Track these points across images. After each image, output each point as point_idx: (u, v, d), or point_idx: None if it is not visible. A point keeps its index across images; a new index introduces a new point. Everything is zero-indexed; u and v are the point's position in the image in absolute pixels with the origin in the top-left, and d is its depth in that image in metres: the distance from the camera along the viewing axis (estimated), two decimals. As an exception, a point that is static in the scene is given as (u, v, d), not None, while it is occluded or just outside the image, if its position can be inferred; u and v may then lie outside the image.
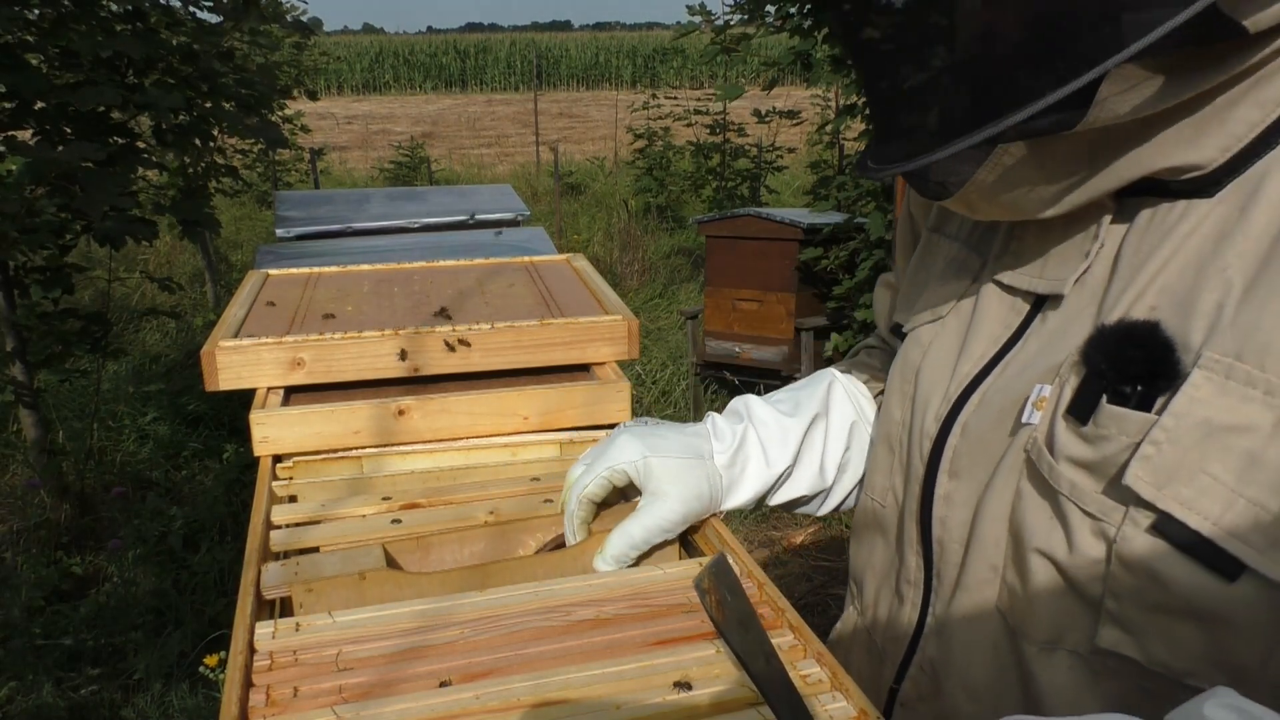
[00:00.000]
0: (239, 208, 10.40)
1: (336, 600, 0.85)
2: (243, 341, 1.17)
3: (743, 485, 0.98)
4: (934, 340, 0.88)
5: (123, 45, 3.18)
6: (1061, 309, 0.76)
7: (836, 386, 1.06)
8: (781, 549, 4.10)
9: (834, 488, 1.05)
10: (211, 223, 3.82)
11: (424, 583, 0.87)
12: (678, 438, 0.95)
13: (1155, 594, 0.65)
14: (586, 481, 0.92)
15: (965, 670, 0.81)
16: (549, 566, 0.91)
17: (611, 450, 0.93)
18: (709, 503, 0.94)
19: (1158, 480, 0.63)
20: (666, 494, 0.91)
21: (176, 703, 2.87)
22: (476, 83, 40.02)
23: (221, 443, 4.63)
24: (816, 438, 1.02)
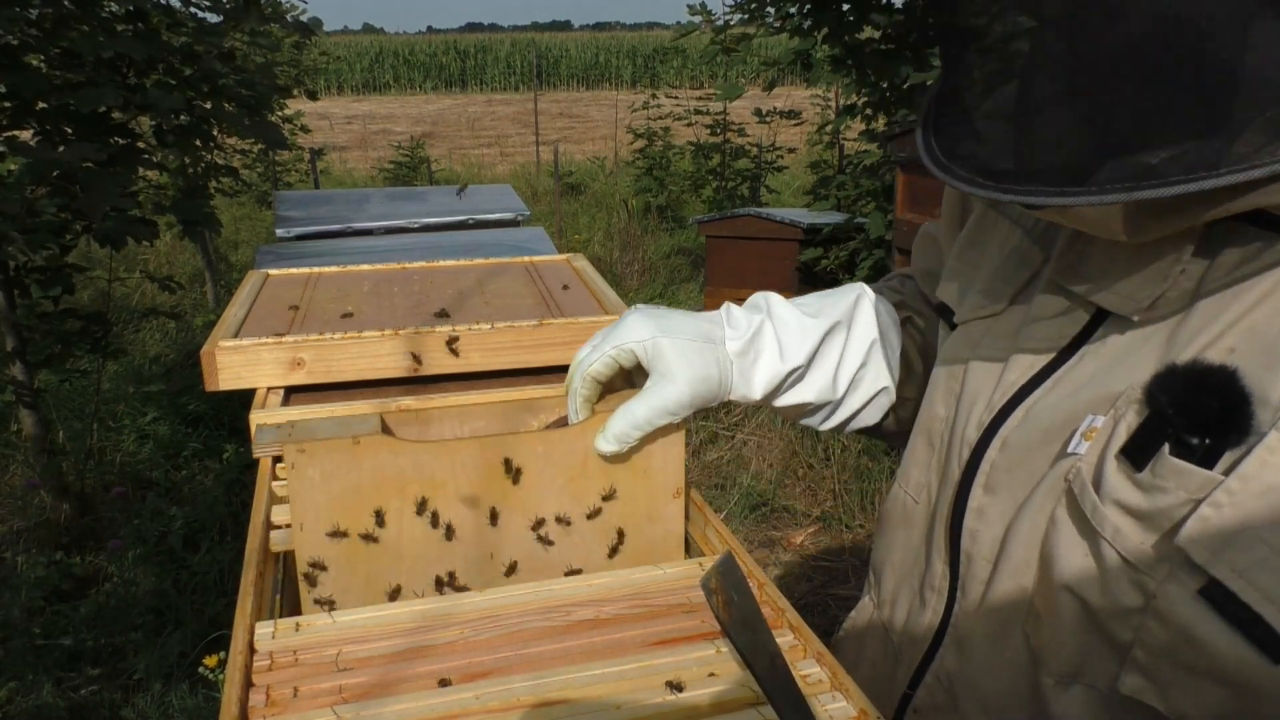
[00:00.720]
0: (239, 208, 10.39)
1: (330, 464, 0.83)
2: (243, 341, 1.17)
3: (754, 376, 0.92)
4: (984, 337, 0.83)
5: (124, 46, 3.18)
6: (1126, 333, 0.70)
7: (865, 301, 1.01)
8: (781, 549, 4.10)
9: (843, 403, 1.00)
10: (212, 222, 3.82)
11: (420, 451, 0.85)
12: (690, 321, 0.91)
13: (1190, 656, 0.61)
14: (593, 359, 0.89)
15: (983, 689, 0.80)
16: (551, 442, 0.89)
17: (620, 329, 0.89)
18: (717, 388, 0.90)
19: (1213, 545, 0.58)
20: (674, 375, 0.87)
21: (176, 703, 2.86)
22: (476, 83, 40.01)
23: (221, 443, 4.63)
24: (835, 346, 0.97)
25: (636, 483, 0.92)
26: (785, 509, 4.38)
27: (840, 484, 4.42)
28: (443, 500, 0.87)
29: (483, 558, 0.90)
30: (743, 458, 4.79)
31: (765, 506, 4.39)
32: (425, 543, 0.88)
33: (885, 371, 1.01)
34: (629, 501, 0.93)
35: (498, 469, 0.88)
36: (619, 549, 0.94)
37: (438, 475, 0.86)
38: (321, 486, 0.83)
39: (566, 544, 0.92)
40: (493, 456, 0.87)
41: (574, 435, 0.90)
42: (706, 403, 0.90)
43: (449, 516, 0.88)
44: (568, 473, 0.90)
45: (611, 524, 0.93)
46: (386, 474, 0.85)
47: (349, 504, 0.84)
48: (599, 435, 0.88)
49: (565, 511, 0.91)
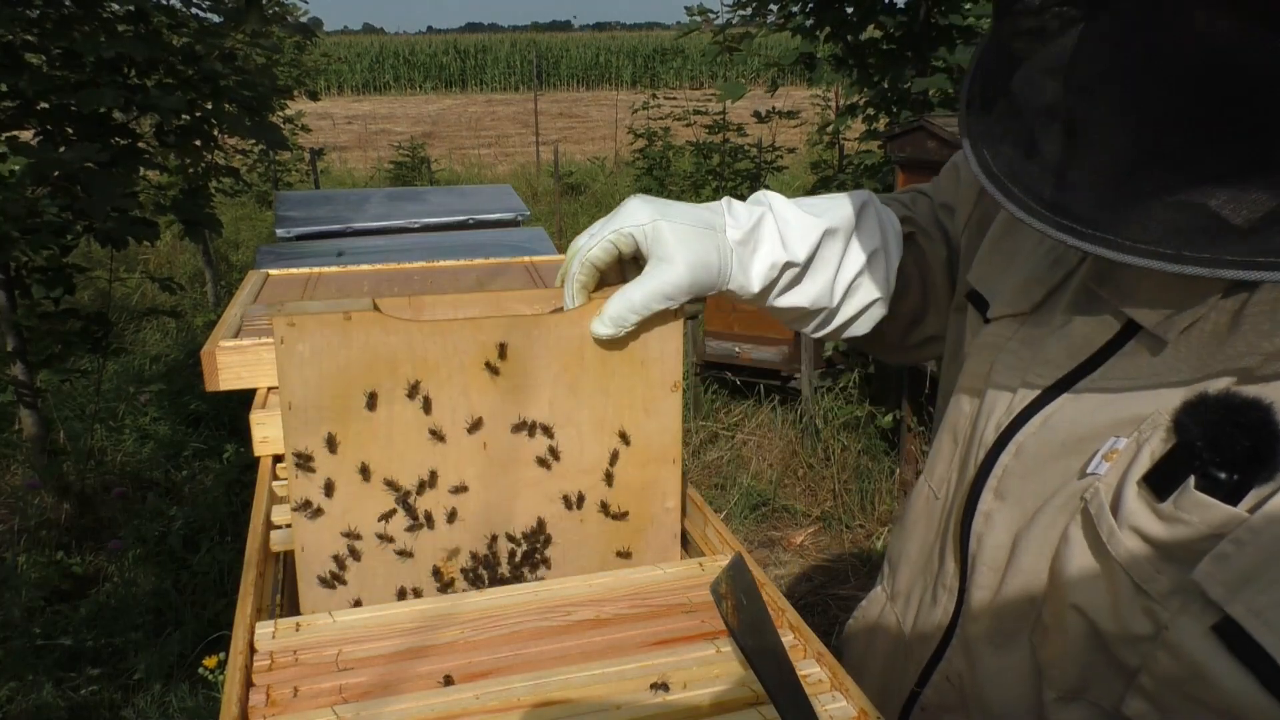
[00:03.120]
0: (239, 208, 10.39)
1: (319, 340, 0.81)
2: (243, 341, 1.17)
3: (753, 266, 0.90)
4: (1013, 336, 0.82)
5: (125, 46, 3.18)
6: (1158, 352, 0.68)
7: (870, 209, 0.98)
8: (781, 549, 4.10)
9: (838, 310, 0.98)
10: (212, 222, 3.82)
11: (414, 330, 0.83)
12: (690, 209, 0.89)
13: (1198, 690, 0.61)
14: (591, 244, 0.87)
15: (986, 694, 0.79)
16: (546, 327, 0.87)
17: (620, 215, 0.87)
18: (716, 275, 0.88)
19: (1231, 583, 0.57)
20: (673, 259, 0.85)
21: (176, 703, 2.86)
22: (476, 83, 40.02)
23: (222, 443, 4.63)
24: (834, 251, 0.95)
25: (634, 374, 0.90)
26: (785, 509, 4.38)
27: (840, 484, 4.42)
28: (435, 384, 0.84)
29: (475, 449, 0.87)
30: (743, 458, 4.78)
31: (765, 506, 4.39)
32: (418, 430, 0.85)
33: (882, 282, 0.98)
34: (626, 394, 0.91)
35: (492, 352, 0.85)
36: (618, 445, 0.91)
37: (431, 357, 0.84)
38: (311, 363, 0.81)
39: (563, 437, 0.90)
40: (487, 339, 0.85)
41: (570, 320, 0.87)
42: (704, 290, 0.88)
43: (442, 404, 0.85)
44: (563, 360, 0.87)
45: (609, 417, 0.91)
46: (378, 353, 0.82)
47: (339, 383, 0.82)
48: (595, 319, 0.86)
49: (560, 400, 0.88)
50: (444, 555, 0.90)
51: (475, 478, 0.89)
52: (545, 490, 0.91)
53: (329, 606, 0.88)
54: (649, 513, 0.95)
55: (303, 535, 0.86)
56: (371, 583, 0.89)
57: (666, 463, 0.94)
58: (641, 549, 0.96)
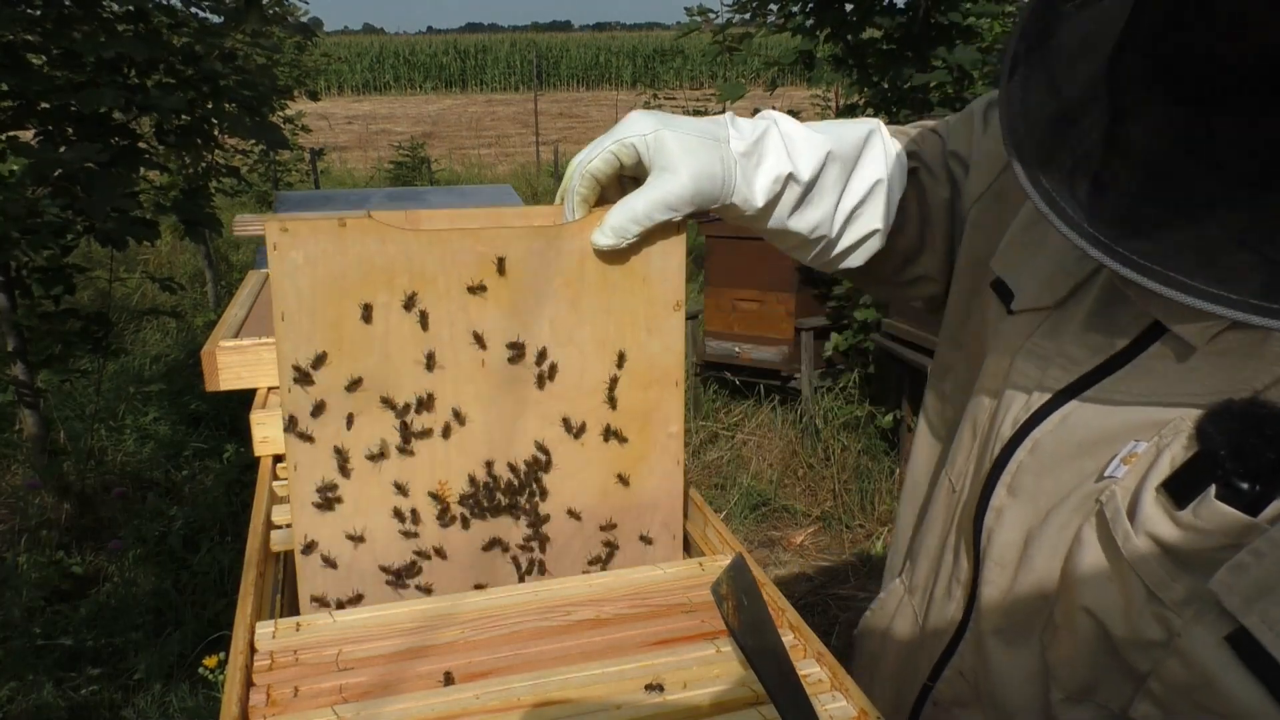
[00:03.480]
0: (239, 207, 10.39)
1: (314, 247, 0.79)
2: (243, 341, 1.17)
3: (757, 179, 0.88)
4: (1036, 330, 0.81)
5: (125, 46, 3.18)
6: (1184, 356, 0.67)
7: (875, 139, 0.96)
8: (781, 549, 4.10)
9: (837, 239, 0.96)
10: (213, 223, 3.82)
11: (410, 240, 0.81)
12: (693, 120, 0.87)
13: (1207, 699, 0.60)
14: (591, 156, 0.84)
15: (998, 692, 0.79)
16: (547, 238, 0.85)
17: (622, 125, 0.85)
18: (720, 187, 0.85)
19: (1248, 594, 0.57)
20: (676, 168, 0.83)
21: (176, 703, 2.86)
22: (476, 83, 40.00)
23: (222, 443, 4.63)
24: (838, 177, 0.93)
25: (635, 291, 0.88)
26: (785, 509, 4.38)
27: (840, 484, 4.42)
28: (432, 297, 0.82)
29: (473, 366, 0.85)
30: (743, 458, 4.78)
31: (765, 506, 4.39)
32: (414, 345, 0.83)
33: (882, 213, 0.97)
34: (628, 312, 0.89)
35: (490, 265, 0.83)
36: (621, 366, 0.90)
37: (428, 268, 0.82)
38: (306, 271, 0.79)
39: (564, 356, 0.88)
40: (486, 250, 0.83)
41: (571, 233, 0.85)
42: (708, 201, 0.86)
43: (439, 318, 0.83)
44: (564, 275, 0.86)
45: (611, 336, 0.89)
46: (374, 263, 0.80)
47: (334, 294, 0.80)
48: (596, 230, 0.85)
49: (561, 318, 0.87)
50: (441, 479, 0.88)
51: (473, 397, 0.86)
52: (545, 411, 0.89)
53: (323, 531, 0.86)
54: (651, 437, 0.93)
55: (296, 453, 0.84)
56: (367, 506, 0.87)
57: (669, 385, 0.92)
58: (643, 475, 0.94)
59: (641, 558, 0.96)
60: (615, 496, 0.93)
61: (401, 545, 0.89)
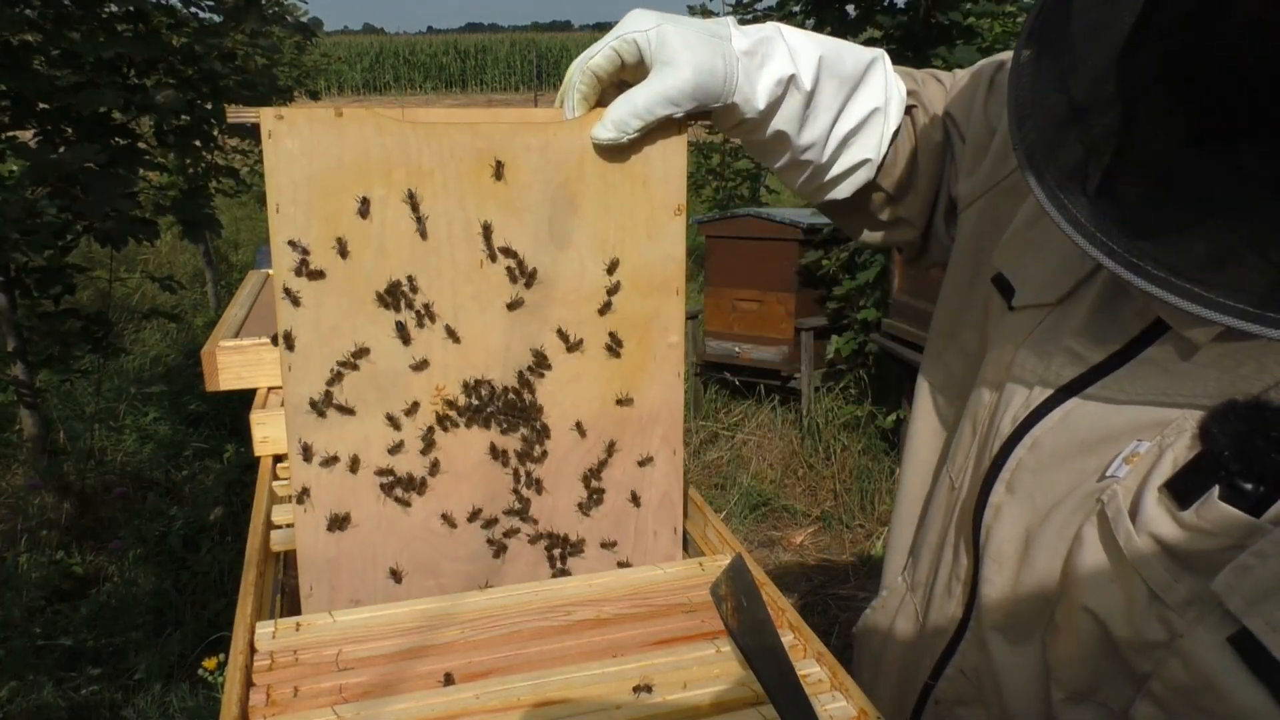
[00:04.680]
0: (239, 208, 10.38)
1: (308, 136, 0.77)
2: (243, 341, 1.17)
3: (759, 79, 0.86)
4: (1037, 327, 0.80)
5: (124, 46, 3.18)
6: (1186, 355, 0.67)
7: (878, 67, 0.95)
8: (781, 549, 4.10)
9: (828, 165, 0.95)
10: (212, 223, 3.82)
11: (408, 132, 0.80)
12: (696, 19, 0.86)
13: (1209, 700, 0.60)
14: (593, 53, 0.83)
15: (1001, 691, 0.79)
16: (547, 135, 0.83)
17: (623, 24, 0.84)
18: (722, 84, 0.83)
19: (1251, 595, 0.57)
20: (678, 62, 0.81)
21: (176, 703, 2.86)
22: (476, 83, 40.00)
23: (222, 443, 4.63)
24: (836, 98, 0.92)
25: (635, 192, 0.87)
26: (785, 509, 4.38)
27: (840, 484, 4.42)
28: (430, 191, 0.81)
29: (470, 265, 0.84)
30: (743, 458, 4.78)
31: (765, 506, 4.39)
32: (411, 240, 0.82)
33: (875, 144, 0.96)
34: (627, 214, 0.87)
35: (488, 162, 0.82)
36: (617, 267, 0.88)
37: (425, 162, 0.80)
38: (302, 161, 0.77)
39: (562, 260, 0.86)
40: (484, 145, 0.81)
41: (571, 130, 0.84)
42: (709, 98, 0.84)
43: (437, 214, 0.82)
44: (563, 173, 0.84)
45: (610, 238, 0.88)
46: (371, 155, 0.79)
47: (331, 186, 0.79)
48: (598, 124, 0.83)
49: (560, 216, 0.85)
50: (439, 383, 0.86)
51: (471, 298, 0.85)
52: (544, 316, 0.87)
53: (317, 437, 0.83)
54: (650, 347, 0.91)
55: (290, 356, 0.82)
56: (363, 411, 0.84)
57: (669, 293, 0.90)
58: (642, 387, 0.92)
59: (640, 480, 0.94)
60: (615, 408, 0.91)
61: (394, 459, 0.86)
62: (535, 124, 0.83)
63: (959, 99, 0.99)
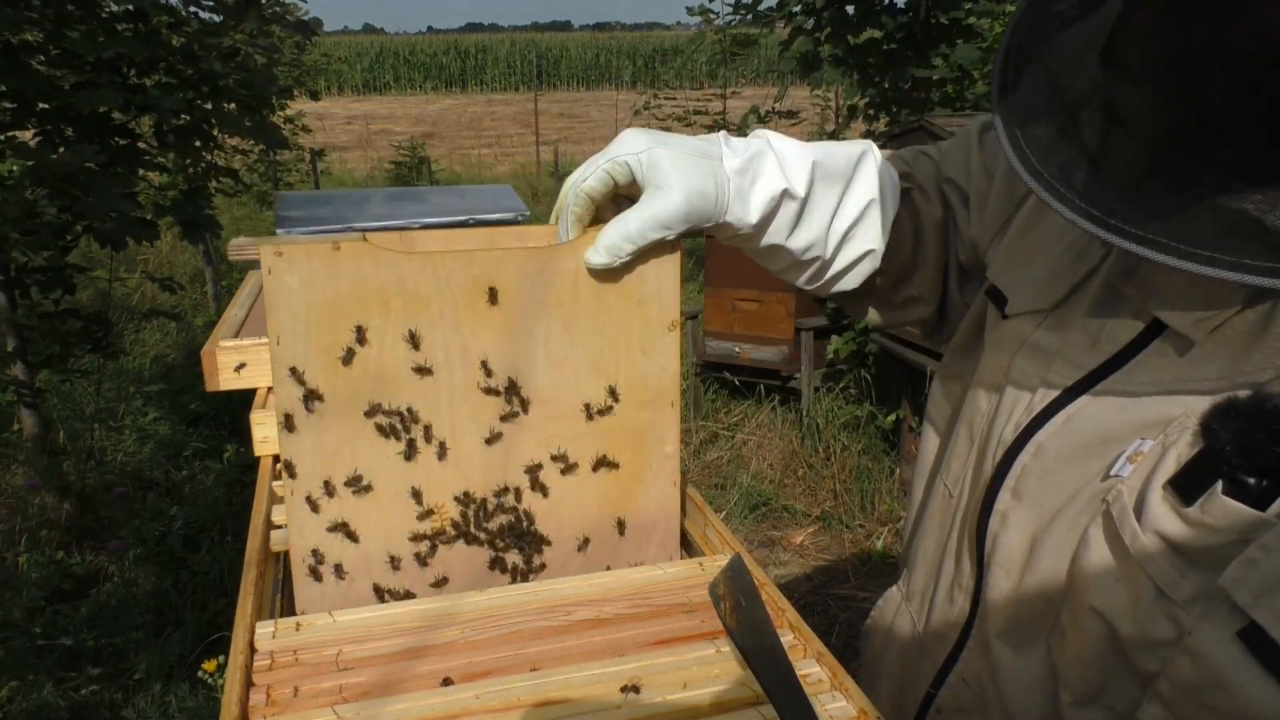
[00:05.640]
0: (239, 208, 10.38)
1: (306, 271, 0.79)
2: (243, 341, 1.17)
3: (751, 197, 0.87)
4: (1033, 333, 0.81)
5: (124, 46, 3.18)
6: (1185, 352, 0.67)
7: (869, 160, 0.97)
8: (781, 549, 4.10)
9: (832, 260, 0.96)
10: (212, 224, 3.82)
11: (404, 262, 0.81)
12: (687, 138, 0.88)
13: (1217, 698, 0.60)
14: (586, 175, 0.84)
15: (1006, 697, 0.79)
16: (541, 260, 0.85)
17: (615, 145, 0.85)
18: (713, 205, 0.85)
19: (1258, 589, 0.57)
20: (670, 186, 0.82)
21: (176, 703, 2.86)
22: (476, 83, 40.00)
23: (222, 443, 4.63)
24: (830, 198, 0.93)
25: (630, 312, 0.88)
26: (785, 509, 4.38)
27: (840, 484, 4.42)
28: (426, 320, 0.82)
29: (468, 388, 0.86)
30: (743, 458, 4.78)
31: (765, 506, 4.39)
32: (408, 368, 0.83)
33: (877, 234, 0.97)
34: (622, 333, 0.88)
35: (484, 288, 0.83)
36: (616, 390, 0.90)
37: (421, 290, 0.82)
38: (300, 294, 0.79)
39: (558, 378, 0.88)
40: (480, 273, 0.82)
41: (565, 253, 0.85)
42: (702, 219, 0.85)
43: (433, 341, 0.83)
44: (558, 295, 0.85)
45: (605, 357, 0.89)
46: (368, 286, 0.80)
47: (329, 318, 0.80)
48: (590, 249, 0.84)
49: (555, 339, 0.86)
50: (436, 502, 0.87)
51: (469, 419, 0.86)
52: (540, 435, 0.88)
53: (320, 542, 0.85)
54: (646, 458, 0.92)
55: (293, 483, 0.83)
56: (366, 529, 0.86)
57: (664, 406, 0.91)
58: (639, 497, 0.94)
59: None
60: (612, 518, 0.93)
61: (395, 575, 0.89)
62: (530, 249, 0.84)
63: (953, 163, 1.01)
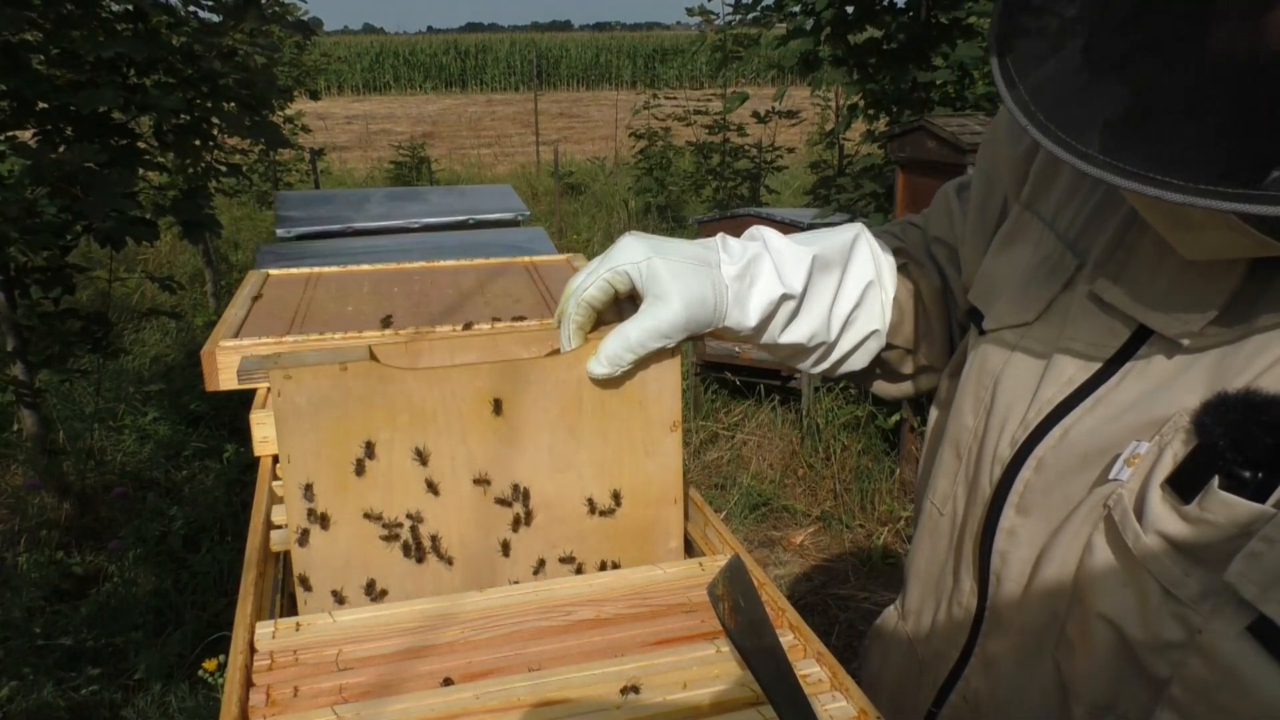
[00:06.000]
0: (239, 208, 10.39)
1: (316, 392, 0.80)
2: (243, 341, 1.17)
3: (750, 301, 0.90)
4: (1016, 348, 0.81)
5: (124, 46, 3.18)
6: (1173, 354, 0.67)
7: (862, 243, 0.99)
8: (781, 549, 4.10)
9: (836, 343, 0.98)
10: (212, 224, 3.82)
11: (409, 379, 0.83)
12: (686, 245, 0.89)
13: (1232, 697, 0.59)
14: (587, 284, 0.86)
15: (1010, 714, 0.78)
16: (544, 370, 0.86)
17: (615, 253, 0.87)
18: (712, 312, 0.88)
19: (1264, 581, 0.56)
20: (669, 296, 0.85)
21: (176, 703, 2.86)
22: (476, 83, 40.01)
23: (222, 443, 4.63)
24: (829, 285, 0.96)
25: (632, 414, 0.90)
26: (785, 509, 4.38)
27: (840, 484, 4.42)
28: (433, 432, 0.84)
29: (475, 497, 0.87)
30: (743, 458, 4.78)
31: (765, 506, 4.39)
32: (416, 479, 0.85)
33: (878, 314, 0.99)
34: (625, 435, 0.90)
35: (488, 400, 0.85)
36: (620, 494, 0.92)
37: (428, 405, 0.83)
38: (309, 414, 0.80)
39: (563, 482, 0.89)
40: (484, 386, 0.84)
41: (567, 363, 0.87)
42: (701, 327, 0.88)
43: (441, 452, 0.85)
44: (561, 403, 0.87)
45: (609, 460, 0.90)
46: (375, 402, 0.82)
47: (337, 435, 0.82)
48: (591, 358, 0.86)
49: (560, 445, 0.88)
50: None
51: (474, 525, 0.88)
52: (547, 537, 0.91)
53: None
54: (651, 555, 0.95)
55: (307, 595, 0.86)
56: None
57: (668, 503, 0.94)
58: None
59: None
60: None
61: None
62: (533, 360, 0.87)
63: (937, 223, 1.03)
